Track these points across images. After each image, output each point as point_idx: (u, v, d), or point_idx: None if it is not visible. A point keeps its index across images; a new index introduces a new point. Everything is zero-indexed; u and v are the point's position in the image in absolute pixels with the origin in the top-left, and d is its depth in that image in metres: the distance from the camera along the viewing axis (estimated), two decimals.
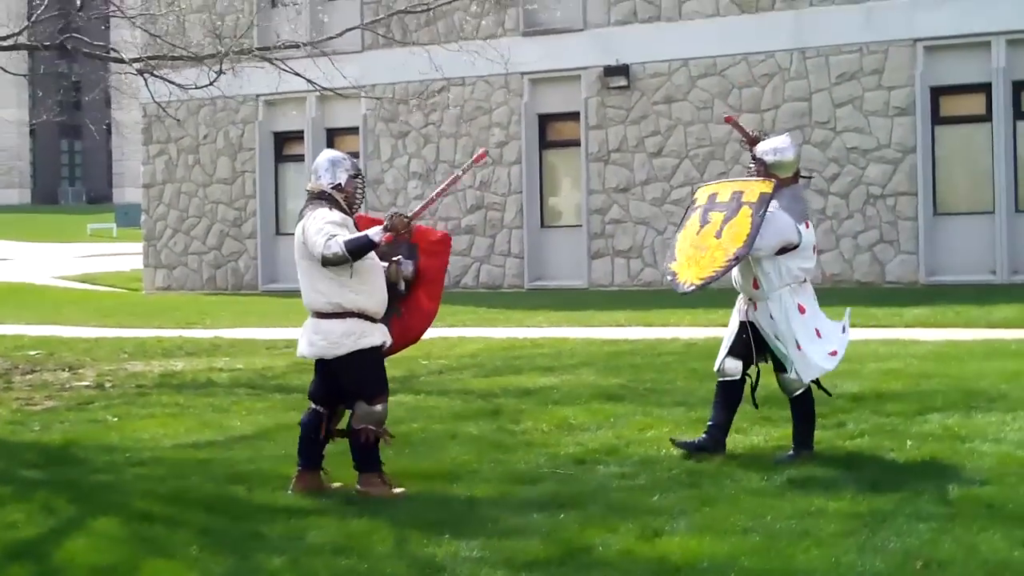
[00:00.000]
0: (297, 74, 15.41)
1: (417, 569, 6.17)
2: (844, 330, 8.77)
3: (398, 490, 7.67)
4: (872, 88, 22.16)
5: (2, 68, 16.63)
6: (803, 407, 8.42)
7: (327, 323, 7.54)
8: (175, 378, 13.21)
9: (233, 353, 15.39)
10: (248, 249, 27.48)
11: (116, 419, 10.77)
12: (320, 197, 7.65)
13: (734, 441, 8.77)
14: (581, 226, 24.41)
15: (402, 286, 7.83)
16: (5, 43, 13.87)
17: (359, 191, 7.82)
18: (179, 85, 14.25)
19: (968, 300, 17.87)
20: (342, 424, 7.96)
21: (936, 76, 21.83)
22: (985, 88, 21.53)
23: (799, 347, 8.28)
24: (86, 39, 15.33)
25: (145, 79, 14.60)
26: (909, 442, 8.58)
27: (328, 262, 7.33)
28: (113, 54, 14.99)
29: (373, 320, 7.62)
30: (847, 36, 22.33)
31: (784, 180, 8.27)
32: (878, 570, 5.86)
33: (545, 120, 25.00)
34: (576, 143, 24.54)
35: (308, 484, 7.74)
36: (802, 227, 8.24)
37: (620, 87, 23.89)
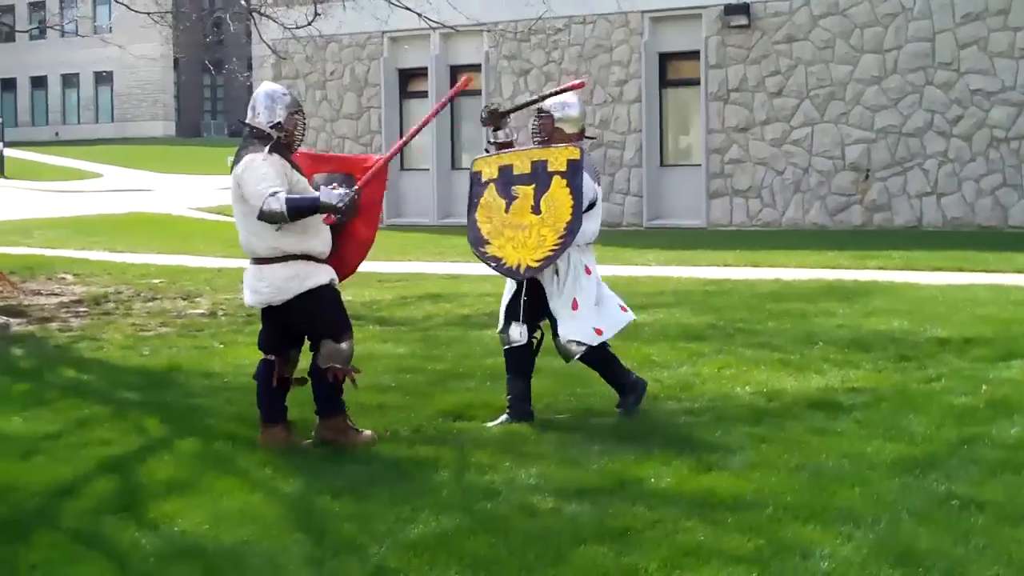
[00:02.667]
0: (408, 9, 15.64)
1: (473, 494, 6.46)
2: (623, 309, 8.29)
3: (367, 433, 7.50)
4: (997, 29, 21.73)
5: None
6: (600, 368, 8.21)
7: (269, 268, 7.25)
8: None
9: (345, 284, 15.76)
10: None
11: (221, 346, 11.25)
12: (258, 137, 7.24)
13: (806, 381, 8.91)
14: (700, 165, 24.40)
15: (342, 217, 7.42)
16: None
17: (299, 128, 7.38)
18: (281, 24, 14.60)
19: None
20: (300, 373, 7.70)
21: None
22: None
23: (575, 307, 8.02)
24: None
25: (253, 17, 14.99)
26: (984, 387, 8.62)
27: (264, 217, 7.03)
28: None
29: (318, 260, 7.36)
30: None
31: (569, 136, 8.09)
32: (915, 508, 5.98)
33: (665, 59, 24.96)
34: (696, 82, 24.48)
35: (272, 438, 7.46)
36: (596, 186, 8.09)
37: (741, 26, 23.74)
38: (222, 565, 5.46)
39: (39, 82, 71.95)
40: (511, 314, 8.17)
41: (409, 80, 27.87)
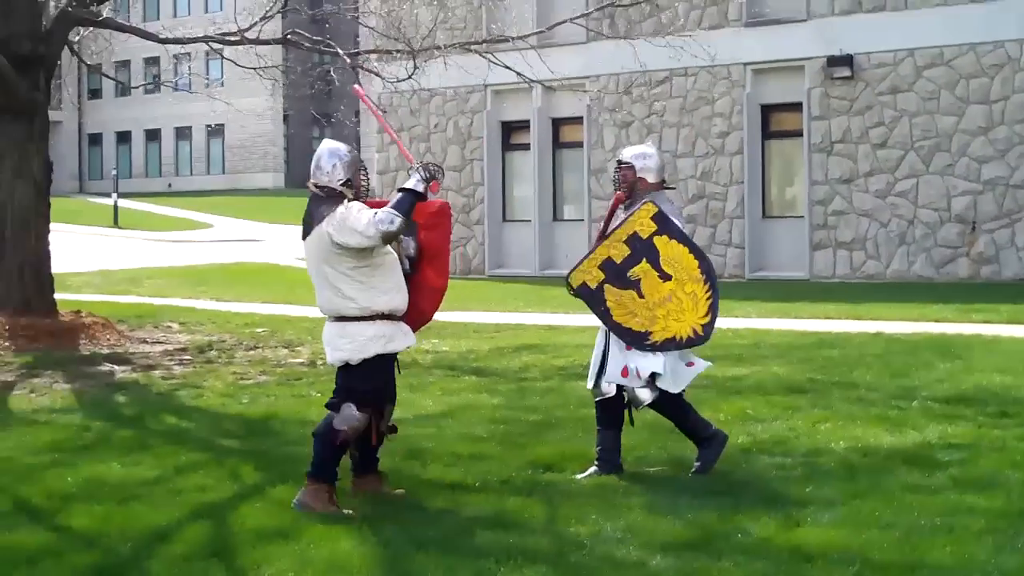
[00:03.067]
0: (507, 67, 15.86)
1: (559, 544, 6.48)
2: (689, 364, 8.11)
3: (346, 511, 7.16)
4: None
5: (256, 60, 17.60)
6: (670, 410, 8.07)
7: (354, 327, 7.24)
8: None
9: (443, 335, 15.94)
10: (476, 235, 28.18)
11: (319, 395, 11.34)
12: (329, 196, 7.27)
13: (902, 436, 8.79)
14: (803, 217, 24.23)
15: (406, 265, 7.47)
16: (230, 39, 14.73)
17: (365, 183, 7.44)
18: (381, 77, 14.87)
19: None
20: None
21: None
22: None
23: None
24: (305, 33, 16.09)
25: (356, 72, 15.29)
26: None
27: (390, 236, 7.04)
28: (328, 48, 15.71)
29: (398, 320, 7.37)
30: None
31: (651, 184, 8.06)
32: (1008, 568, 5.88)
33: (767, 110, 24.88)
34: (799, 133, 24.36)
35: (364, 487, 7.55)
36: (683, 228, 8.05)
37: (844, 77, 23.60)
38: None
39: (153, 135, 73.59)
40: (601, 368, 8.13)
41: (512, 133, 28.07)
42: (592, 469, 8.06)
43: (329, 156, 7.37)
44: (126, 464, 8.53)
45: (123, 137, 74.46)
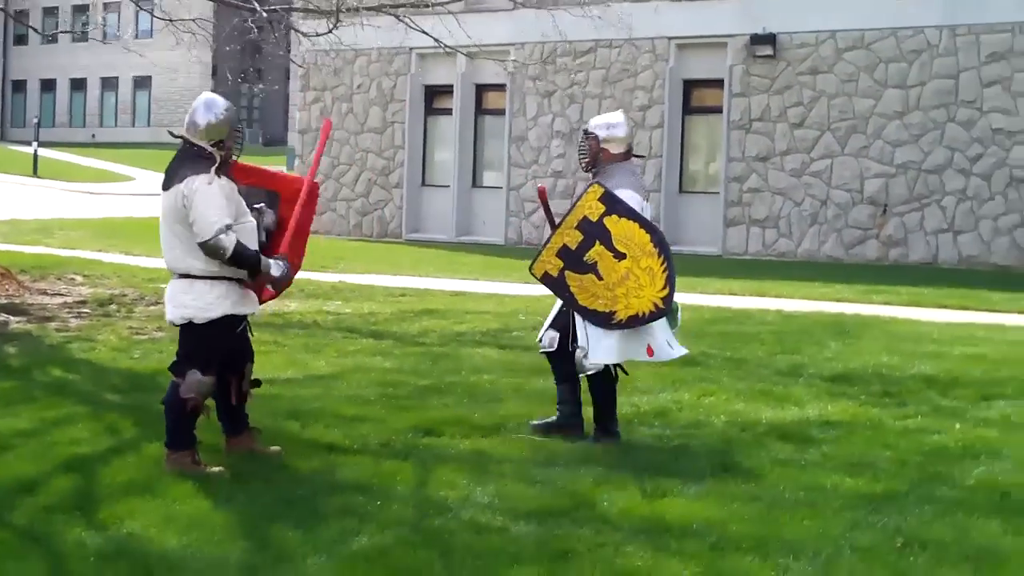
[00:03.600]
0: (425, 33, 15.75)
1: (424, 509, 6.50)
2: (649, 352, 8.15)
3: (215, 469, 7.13)
4: (1022, 69, 21.63)
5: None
6: (596, 388, 8.15)
7: (201, 284, 7.09)
8: (283, 318, 13.76)
9: (349, 297, 15.92)
10: (394, 198, 28.10)
11: None
12: (201, 155, 7.07)
13: (782, 412, 8.91)
14: (719, 193, 24.39)
15: (263, 236, 7.37)
16: None
17: (238, 147, 7.23)
18: (301, 33, 14.73)
19: None
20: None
21: None
22: None
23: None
24: None
25: (273, 27, 15.14)
26: (958, 426, 8.59)
27: (207, 249, 6.91)
28: (246, 3, 15.54)
29: (245, 284, 7.25)
30: (1000, 15, 21.84)
31: (615, 156, 8.11)
32: (860, 544, 5.98)
33: (689, 86, 24.98)
34: (719, 110, 24.49)
35: (237, 446, 7.50)
36: (645, 203, 8.11)
37: (766, 56, 23.74)
38: (158, 568, 5.52)
39: (79, 84, 72.55)
40: (552, 323, 8.39)
41: (434, 97, 27.98)
42: (550, 419, 8.28)
43: (205, 111, 7.15)
44: (4, 416, 8.45)
45: (47, 85, 73.34)
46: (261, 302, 7.56)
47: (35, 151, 48.03)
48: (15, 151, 58.04)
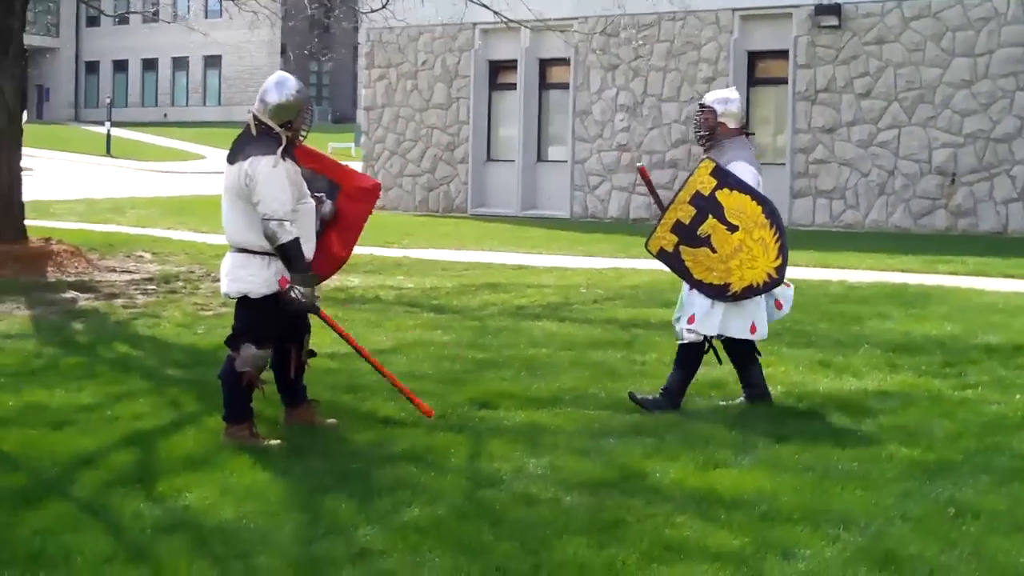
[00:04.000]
0: (485, 6, 15.77)
1: (476, 481, 6.56)
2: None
3: (273, 442, 7.23)
4: None
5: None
6: (685, 358, 8.25)
7: (258, 260, 7.12)
8: (345, 292, 13.88)
9: (412, 272, 16.02)
10: (459, 173, 28.17)
11: None
12: (268, 134, 7.10)
13: (840, 382, 8.88)
14: (785, 164, 24.22)
15: (318, 225, 7.42)
16: None
17: (306, 129, 7.28)
18: (356, 9, 14.81)
19: None
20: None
21: None
22: None
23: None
24: None
25: (335, 4, 15.23)
26: (1018, 396, 8.52)
27: (266, 229, 6.97)
28: None
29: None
30: None
31: (731, 130, 8.18)
32: (911, 514, 5.96)
33: (753, 57, 24.81)
34: (784, 81, 24.30)
35: (296, 418, 7.60)
36: (760, 177, 8.18)
37: (831, 26, 23.52)
38: (212, 539, 5.62)
39: (150, 64, 73.31)
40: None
41: (499, 72, 27.98)
42: (739, 399, 8.37)
43: (276, 90, 7.15)
44: (69, 391, 8.60)
45: (120, 66, 74.17)
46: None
47: (108, 131, 48.69)
48: (89, 131, 58.86)
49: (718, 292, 8.02)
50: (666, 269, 8.48)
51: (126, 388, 8.76)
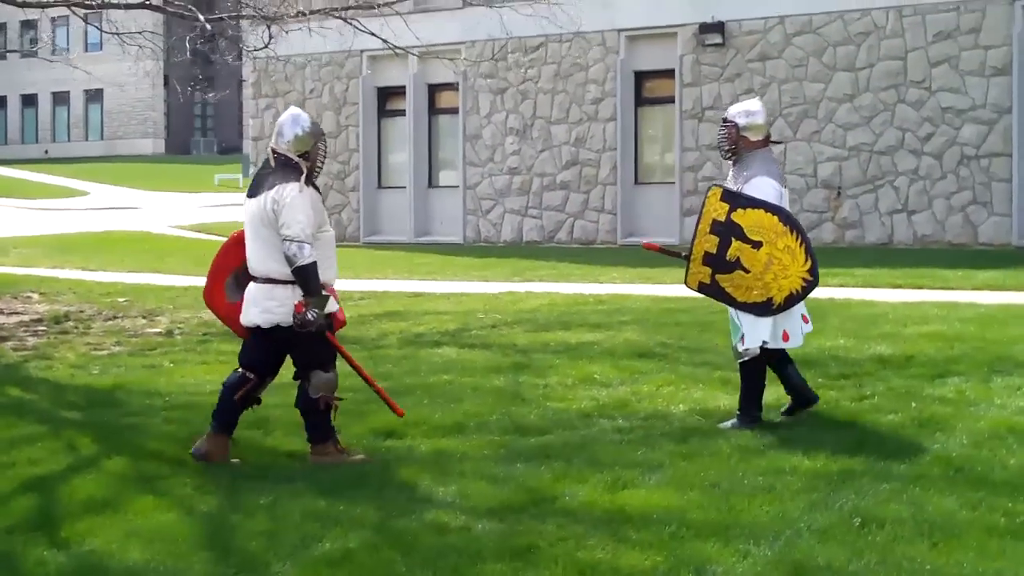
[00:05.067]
0: (372, 34, 15.75)
1: (386, 512, 6.52)
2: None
3: (358, 456, 7.63)
4: (968, 47, 21.84)
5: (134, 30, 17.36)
6: (750, 374, 8.37)
7: (282, 290, 7.42)
8: None
9: None
10: (351, 201, 28.08)
11: (171, 365, 11.31)
12: (288, 165, 7.46)
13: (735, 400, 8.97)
14: (674, 183, 24.49)
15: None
16: (89, 2, 14.50)
17: (321, 157, 7.64)
18: (243, 47, 14.71)
19: None
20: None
21: None
22: None
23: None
24: None
25: (216, 38, 15.10)
26: (913, 404, 8.68)
27: (287, 251, 7.27)
28: (189, 12, 15.50)
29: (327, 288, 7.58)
30: None
31: (755, 143, 8.33)
32: (818, 525, 6.04)
33: (640, 77, 25.08)
34: (671, 100, 24.59)
35: (217, 447, 7.61)
36: (783, 190, 8.36)
37: (715, 44, 23.86)
38: None
39: (30, 100, 72.09)
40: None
41: (387, 98, 27.97)
42: (787, 406, 8.51)
43: (292, 124, 7.53)
44: None
45: None
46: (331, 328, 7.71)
47: None
48: None
49: (764, 308, 8.17)
50: (567, 290, 8.53)
51: (21, 432, 8.58)
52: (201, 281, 18.24)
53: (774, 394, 9.11)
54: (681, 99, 24.28)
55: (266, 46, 15.29)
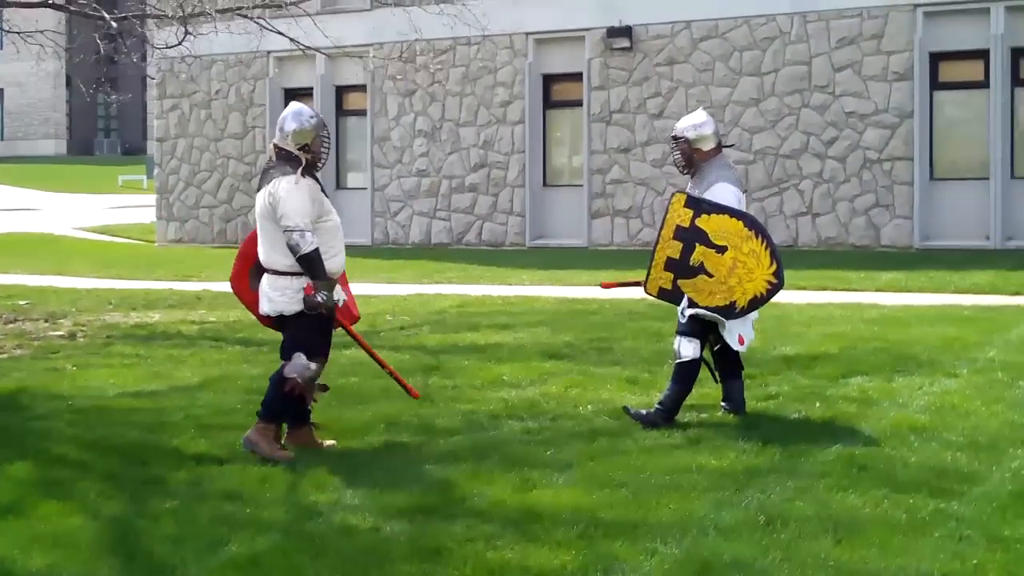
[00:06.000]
0: (280, 33, 15.65)
1: (294, 514, 6.48)
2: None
3: (284, 453, 7.65)
4: (871, 53, 22.20)
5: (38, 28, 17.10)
6: (682, 375, 8.45)
7: (284, 280, 7.65)
8: (145, 329, 13.59)
9: (214, 306, 15.76)
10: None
11: (74, 368, 11.13)
12: (287, 159, 7.64)
13: (648, 398, 9.05)
14: (582, 186, 24.62)
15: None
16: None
17: (324, 148, 7.79)
18: (151, 45, 14.55)
19: (950, 266, 18.01)
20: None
21: (935, 42, 21.86)
22: (983, 54, 21.54)
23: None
24: None
25: (122, 37, 14.92)
26: (818, 404, 8.81)
27: (289, 240, 7.47)
28: (95, 12, 15.28)
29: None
30: (847, 0, 22.36)
31: (707, 153, 8.47)
32: (724, 524, 6.11)
33: (549, 80, 25.18)
34: (579, 103, 24.71)
35: (300, 438, 7.91)
36: (742, 195, 8.53)
37: (623, 48, 24.01)
38: None
39: None
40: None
41: (295, 99, 27.72)
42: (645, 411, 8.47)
43: (292, 119, 7.70)
44: None
45: None
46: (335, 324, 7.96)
47: None
48: None
49: (727, 312, 8.28)
50: (476, 291, 8.55)
51: None
52: (104, 283, 18.04)
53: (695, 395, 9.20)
54: (589, 102, 24.40)
55: (180, 43, 15.09)
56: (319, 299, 7.57)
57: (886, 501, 6.39)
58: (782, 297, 14.79)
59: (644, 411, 8.43)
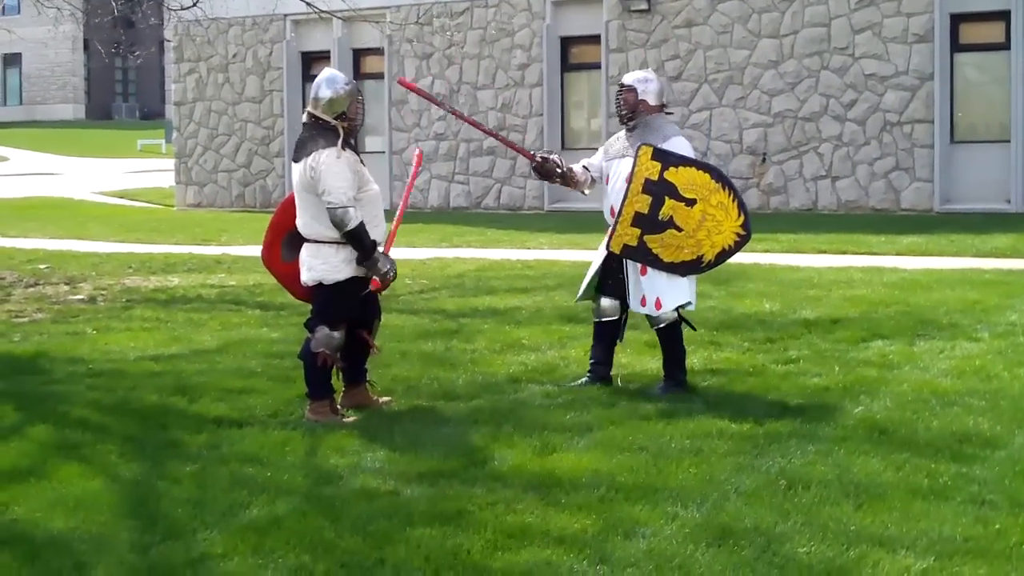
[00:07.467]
0: None
1: (314, 478, 6.49)
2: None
3: (344, 421, 7.67)
4: (891, 15, 22.03)
5: None
6: (669, 338, 8.41)
7: (327, 249, 7.61)
8: (165, 293, 13.61)
9: (233, 270, 15.78)
10: (276, 167, 27.85)
11: (94, 332, 11.16)
12: (326, 128, 7.56)
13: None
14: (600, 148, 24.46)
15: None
16: None
17: (360, 115, 7.74)
18: (167, 6, 14.51)
19: (970, 229, 17.92)
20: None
21: (956, 3, 21.70)
22: (1004, 16, 21.37)
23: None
24: None
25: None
26: (837, 368, 8.78)
27: (333, 216, 7.45)
28: None
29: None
30: None
31: (653, 108, 8.36)
32: (745, 488, 6.10)
33: (566, 43, 25.06)
34: (597, 66, 24.59)
35: (356, 399, 7.99)
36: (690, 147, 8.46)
37: (641, 10, 23.87)
38: (46, 552, 5.44)
39: None
40: (604, 290, 8.51)
41: (312, 63, 27.71)
42: (583, 379, 8.44)
43: (327, 86, 7.59)
44: None
45: None
46: (364, 292, 7.79)
47: None
48: None
49: (693, 266, 8.21)
50: (494, 255, 8.53)
51: None
52: (124, 247, 18.08)
53: (701, 357, 9.19)
54: (607, 65, 24.28)
55: (195, 3, 15.05)
56: (389, 275, 7.70)
57: (907, 465, 6.37)
58: (802, 261, 14.84)
59: (658, 387, 8.35)
